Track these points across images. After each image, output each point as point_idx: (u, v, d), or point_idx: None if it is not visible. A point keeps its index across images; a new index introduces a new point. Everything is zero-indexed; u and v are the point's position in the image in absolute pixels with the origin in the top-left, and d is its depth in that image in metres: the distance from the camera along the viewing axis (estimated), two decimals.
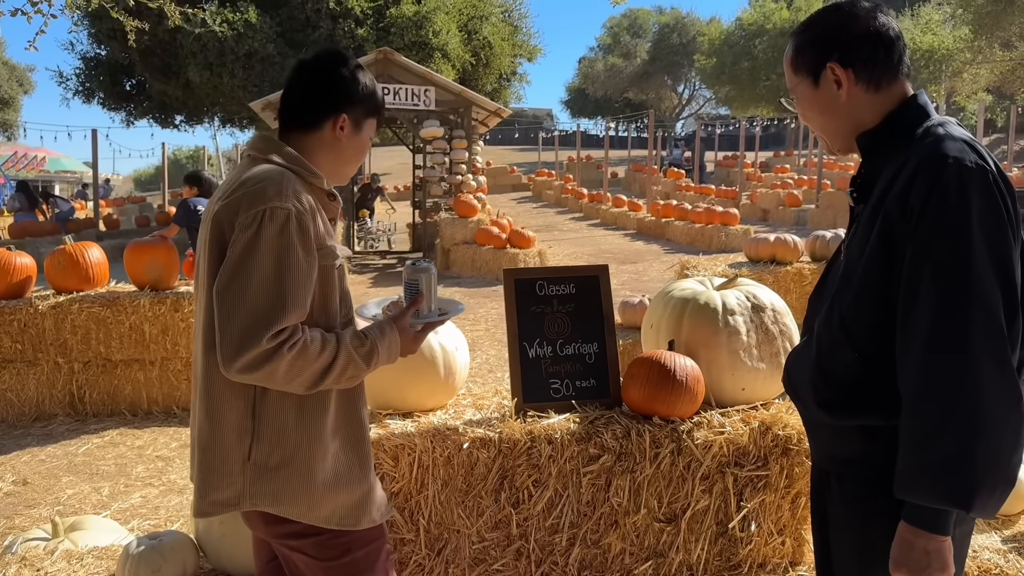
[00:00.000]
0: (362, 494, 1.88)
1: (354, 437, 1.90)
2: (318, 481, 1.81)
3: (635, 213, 18.88)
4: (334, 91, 1.88)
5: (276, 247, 1.68)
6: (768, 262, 7.10)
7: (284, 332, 1.67)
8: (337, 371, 1.74)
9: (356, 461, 1.89)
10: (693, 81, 53.67)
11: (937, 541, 1.45)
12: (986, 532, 3.18)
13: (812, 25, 1.72)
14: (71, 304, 5.61)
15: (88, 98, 23.81)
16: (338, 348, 1.75)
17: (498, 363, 7.15)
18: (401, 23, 19.73)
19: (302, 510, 1.81)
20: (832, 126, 1.73)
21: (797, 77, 1.73)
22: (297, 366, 1.68)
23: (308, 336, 1.71)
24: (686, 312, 2.86)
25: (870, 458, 1.60)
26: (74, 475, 4.74)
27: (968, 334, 1.41)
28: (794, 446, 2.71)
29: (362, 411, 1.94)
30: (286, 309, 1.67)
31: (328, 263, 1.81)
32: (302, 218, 1.73)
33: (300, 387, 1.72)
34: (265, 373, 1.66)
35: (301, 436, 1.80)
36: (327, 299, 1.83)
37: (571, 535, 2.71)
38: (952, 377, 1.41)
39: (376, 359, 1.81)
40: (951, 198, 1.45)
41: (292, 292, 1.69)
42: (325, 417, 1.83)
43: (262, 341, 1.63)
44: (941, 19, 31.32)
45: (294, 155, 1.84)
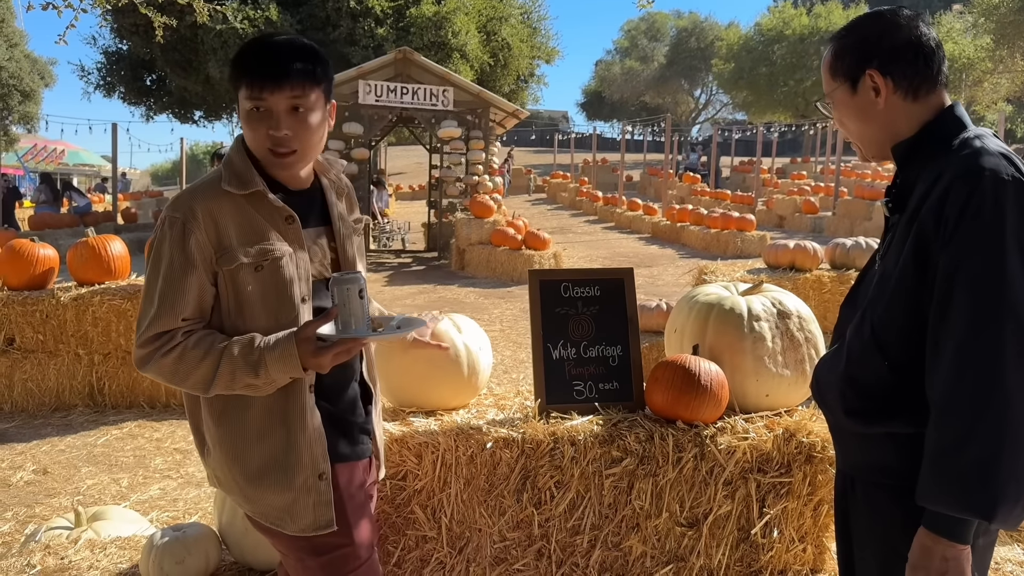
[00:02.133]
0: (287, 501, 1.86)
1: (280, 442, 1.85)
2: (242, 476, 1.87)
3: (650, 217, 18.84)
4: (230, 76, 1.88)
5: (156, 255, 1.78)
6: (787, 269, 7.07)
7: (160, 338, 1.76)
8: (224, 379, 1.76)
9: (281, 467, 1.85)
10: (710, 86, 53.57)
11: (956, 549, 1.45)
12: (1008, 544, 3.17)
13: (853, 30, 1.71)
14: (92, 296, 5.65)
15: (109, 92, 23.97)
16: (221, 357, 1.76)
17: (513, 364, 7.16)
18: (421, 23, 19.77)
19: (238, 500, 1.92)
20: (868, 133, 1.73)
21: (835, 82, 1.73)
22: (180, 371, 1.76)
23: (191, 341, 1.77)
24: (711, 317, 2.86)
25: (896, 466, 1.60)
26: (93, 466, 4.77)
27: (999, 346, 1.41)
28: (818, 453, 2.71)
29: (294, 418, 1.85)
30: (156, 316, 1.76)
31: (230, 267, 1.79)
32: (187, 225, 1.76)
33: (194, 389, 1.80)
34: (153, 372, 1.78)
35: (226, 430, 1.87)
36: (241, 302, 1.82)
37: (592, 537, 2.71)
38: (980, 388, 1.41)
39: (264, 370, 1.75)
40: (986, 210, 1.44)
41: (161, 300, 1.76)
42: (245, 414, 1.86)
43: (140, 343, 1.77)
44: (963, 28, 31.12)
45: (229, 158, 1.87)
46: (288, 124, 1.79)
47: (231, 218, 1.81)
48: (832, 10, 37.33)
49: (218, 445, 1.88)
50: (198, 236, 1.77)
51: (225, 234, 1.80)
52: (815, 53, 34.66)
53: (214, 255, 1.79)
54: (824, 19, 36.05)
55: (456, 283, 11.96)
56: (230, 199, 1.82)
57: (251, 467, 1.86)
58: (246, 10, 19.05)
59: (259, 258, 1.81)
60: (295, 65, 1.78)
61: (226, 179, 1.82)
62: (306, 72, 1.80)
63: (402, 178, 34.43)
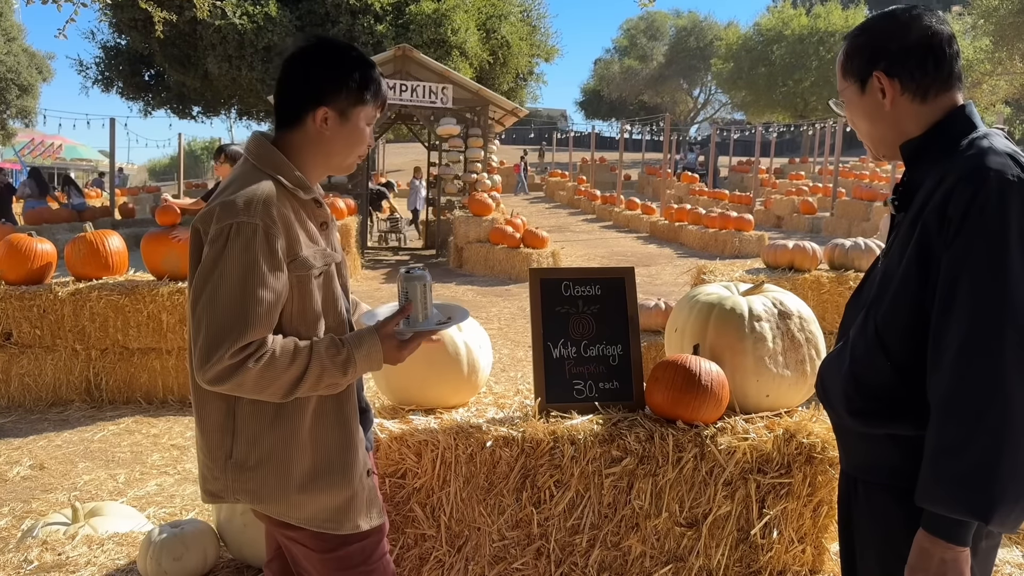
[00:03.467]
0: (343, 500, 1.88)
1: (336, 443, 1.89)
2: (295, 483, 1.83)
3: (648, 216, 18.85)
4: (311, 84, 1.83)
5: (241, 263, 1.69)
6: (786, 269, 7.06)
7: (250, 347, 1.68)
8: (310, 380, 1.75)
9: (338, 467, 1.88)
10: (709, 85, 53.59)
11: (954, 551, 1.45)
12: (1007, 547, 3.17)
13: (864, 31, 1.71)
14: (90, 291, 5.64)
15: (107, 87, 23.94)
16: (310, 358, 1.75)
17: (511, 362, 7.15)
18: (420, 20, 19.75)
19: (281, 509, 1.85)
20: (876, 133, 1.73)
21: (846, 81, 1.73)
22: (266, 377, 1.70)
23: (278, 347, 1.72)
24: (712, 317, 2.85)
25: (899, 467, 1.59)
26: (90, 461, 4.76)
27: (1000, 348, 1.41)
28: (818, 454, 2.70)
29: (349, 418, 1.92)
30: (249, 325, 1.68)
31: (303, 273, 1.80)
32: (270, 233, 1.72)
33: (273, 396, 1.74)
34: (233, 385, 1.69)
35: (277, 439, 1.82)
36: (306, 307, 1.83)
37: (591, 536, 2.71)
38: (981, 390, 1.41)
39: (353, 368, 1.80)
40: (989, 210, 1.44)
41: (255, 308, 1.69)
42: (302, 421, 1.83)
43: (225, 356, 1.65)
44: (962, 29, 31.11)
45: (279, 162, 1.82)
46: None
47: (296, 224, 1.80)
48: (831, 10, 37.35)
49: (266, 456, 1.82)
50: (280, 242, 1.75)
51: (295, 240, 1.79)
52: (814, 53, 34.69)
53: (286, 261, 1.77)
54: (823, 19, 36.09)
55: (454, 281, 11.95)
56: (290, 204, 1.80)
57: (304, 472, 1.84)
58: (245, 6, 19.03)
59: (323, 264, 1.86)
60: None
61: (290, 183, 1.82)
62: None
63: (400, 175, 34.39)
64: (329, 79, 1.82)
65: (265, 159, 1.83)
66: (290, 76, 1.85)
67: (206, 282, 1.70)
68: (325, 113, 1.82)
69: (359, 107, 1.86)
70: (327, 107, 1.82)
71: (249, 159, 1.85)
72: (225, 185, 1.82)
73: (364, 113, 1.87)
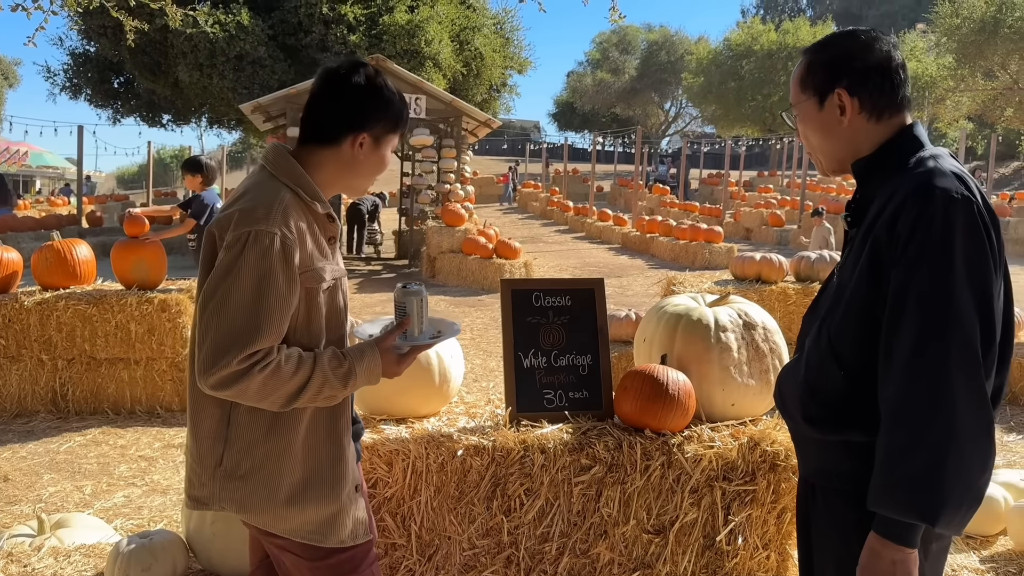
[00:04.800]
0: (330, 514, 1.89)
1: (327, 456, 1.90)
2: (283, 495, 1.84)
3: (620, 228, 19.00)
4: (355, 108, 1.86)
5: (256, 271, 1.70)
6: (753, 280, 7.18)
7: (257, 354, 1.69)
8: (312, 391, 1.76)
9: (327, 481, 1.89)
10: (680, 99, 54.09)
11: (904, 553, 1.51)
12: (965, 552, 3.25)
13: (827, 47, 1.76)
14: (57, 301, 5.58)
15: (75, 94, 23.64)
16: (313, 369, 1.76)
17: (483, 372, 7.17)
18: (394, 31, 19.76)
19: (267, 520, 1.86)
20: (828, 148, 1.78)
21: (803, 95, 1.77)
22: (270, 385, 1.71)
23: (283, 356, 1.73)
24: (679, 327, 2.91)
25: (853, 473, 1.65)
26: (56, 473, 4.71)
27: (946, 359, 1.47)
28: (781, 462, 2.76)
29: (341, 432, 1.93)
30: (259, 333, 1.69)
31: (314, 285, 1.82)
32: (287, 243, 1.74)
33: (273, 405, 1.75)
34: (236, 391, 1.70)
35: (269, 449, 1.82)
36: (311, 319, 1.85)
37: (561, 544, 2.74)
38: (928, 399, 1.47)
39: (353, 381, 1.82)
40: (936, 227, 1.50)
41: (267, 317, 1.71)
42: (296, 433, 1.84)
43: (232, 362, 1.66)
44: (926, 47, 31.82)
45: (299, 174, 1.85)
46: None
47: (309, 236, 1.83)
48: (800, 26, 37.94)
49: (257, 466, 1.82)
50: (296, 253, 1.76)
51: (307, 252, 1.81)
52: (783, 69, 35.19)
53: (299, 272, 1.78)
54: (792, 35, 36.63)
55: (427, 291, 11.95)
56: (304, 216, 1.83)
57: (294, 484, 1.85)
58: (217, 14, 18.92)
59: (332, 278, 1.88)
60: None
61: (309, 196, 1.84)
62: None
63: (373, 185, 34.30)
64: (375, 108, 1.87)
65: (284, 169, 1.85)
66: (333, 96, 1.87)
67: (218, 287, 1.71)
68: (363, 138, 1.87)
69: (391, 136, 1.93)
70: (367, 133, 1.87)
71: (267, 168, 1.86)
72: (241, 192, 1.84)
73: (393, 141, 1.95)
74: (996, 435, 1.55)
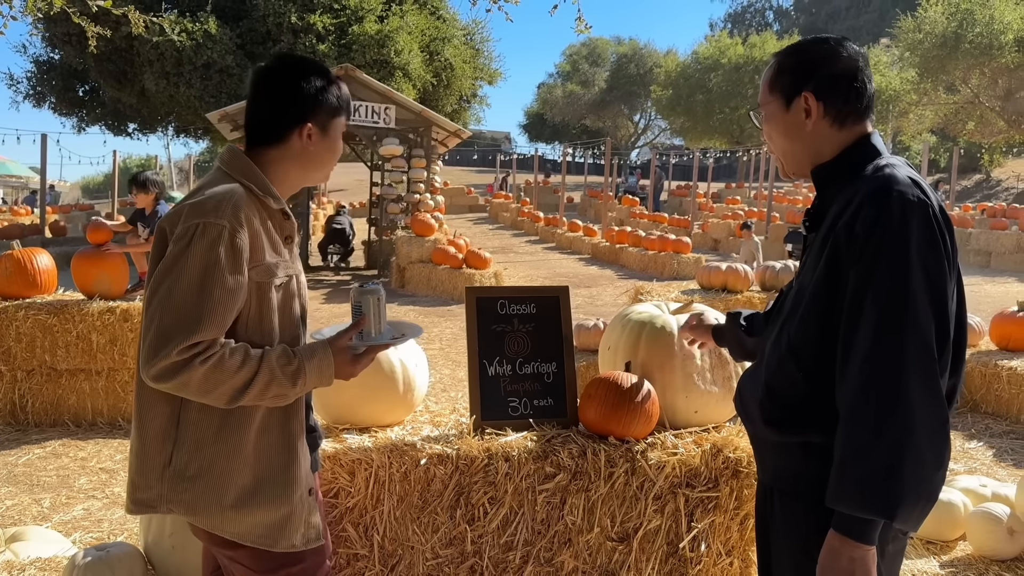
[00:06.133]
0: (280, 517, 1.85)
1: (279, 459, 1.86)
2: (232, 496, 1.80)
3: (590, 238, 19.07)
4: (296, 102, 1.87)
5: (202, 262, 1.69)
6: (720, 290, 7.24)
7: (198, 346, 1.68)
8: (258, 388, 1.73)
9: (279, 483, 1.85)
10: (649, 111, 54.55)
11: (862, 550, 1.53)
12: (925, 557, 3.29)
13: (798, 51, 1.80)
14: (17, 311, 5.47)
15: (39, 102, 23.31)
16: (260, 365, 1.74)
17: (452, 382, 7.15)
18: (363, 41, 19.74)
19: (215, 523, 1.82)
20: (791, 149, 1.81)
21: (771, 95, 1.81)
22: (212, 379, 1.68)
23: (227, 350, 1.71)
24: (643, 335, 2.92)
25: (811, 474, 1.67)
26: (13, 486, 4.60)
27: (902, 357, 1.50)
28: (744, 468, 2.78)
29: (294, 434, 1.90)
30: (201, 323, 1.68)
31: (265, 280, 1.80)
32: (235, 235, 1.73)
33: (219, 400, 1.72)
34: (178, 384, 1.67)
35: (219, 449, 1.79)
36: (263, 316, 1.82)
37: (525, 552, 2.73)
38: (885, 396, 1.50)
39: (303, 380, 1.79)
40: (893, 228, 1.54)
41: (211, 308, 1.69)
42: (247, 434, 1.81)
43: (172, 353, 1.65)
44: (889, 61, 32.43)
45: (252, 172, 1.85)
46: None
47: (262, 231, 1.82)
48: (767, 40, 38.51)
49: (207, 466, 1.79)
50: (245, 246, 1.75)
51: (259, 247, 1.80)
52: (750, 82, 35.66)
53: (248, 266, 1.77)
54: (759, 48, 37.14)
55: (396, 301, 11.90)
56: (257, 212, 1.82)
57: (244, 485, 1.81)
58: (184, 23, 18.77)
59: (285, 276, 1.87)
60: None
61: (261, 191, 1.84)
62: None
63: (343, 195, 34.15)
64: (311, 96, 1.87)
65: (236, 167, 1.85)
66: (270, 95, 1.88)
67: (164, 278, 1.70)
68: (310, 129, 1.87)
69: (336, 119, 1.93)
70: (311, 123, 1.87)
71: (221, 167, 1.86)
72: (194, 190, 1.83)
73: (340, 124, 1.95)
74: (958, 442, 1.58)
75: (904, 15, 29.54)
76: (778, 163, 1.88)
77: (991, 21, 26.40)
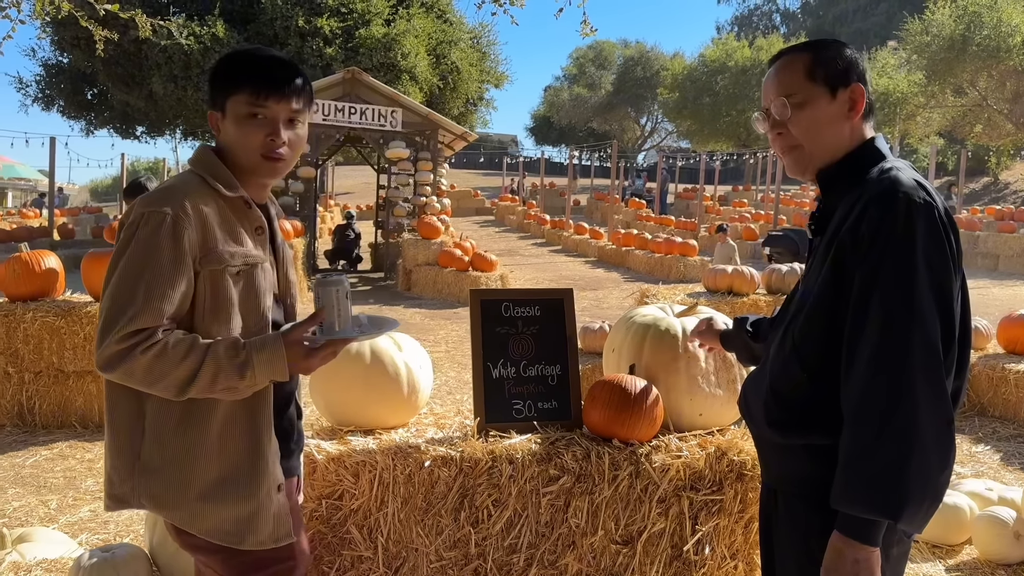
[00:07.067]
0: (248, 512, 1.81)
1: (245, 453, 1.82)
2: (196, 489, 1.77)
3: (596, 241, 19.07)
4: (210, 93, 1.91)
5: (143, 249, 1.69)
6: (726, 293, 7.23)
7: (140, 334, 1.65)
8: (205, 379, 1.68)
9: (244, 478, 1.81)
10: (655, 114, 54.54)
11: (866, 551, 1.53)
12: (931, 561, 3.28)
13: (831, 45, 1.77)
14: (24, 312, 5.50)
15: (48, 105, 23.45)
16: (205, 356, 1.69)
17: (457, 385, 7.16)
18: (370, 44, 19.80)
19: (183, 517, 1.79)
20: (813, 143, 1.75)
21: (810, 84, 1.73)
22: (156, 370, 1.65)
23: (171, 340, 1.68)
24: (647, 337, 2.92)
25: (815, 476, 1.67)
26: (21, 487, 4.62)
27: (908, 357, 1.50)
28: (748, 471, 2.77)
29: (261, 428, 1.85)
30: (139, 311, 1.66)
31: (216, 268, 1.77)
32: (178, 222, 1.71)
33: (166, 392, 1.69)
34: (123, 373, 1.66)
35: (181, 441, 1.77)
36: (218, 306, 1.78)
37: (529, 555, 2.73)
38: (890, 396, 1.50)
39: (251, 372, 1.72)
40: (899, 229, 1.54)
41: (147, 294, 1.67)
42: (209, 426, 1.78)
43: (112, 341, 1.64)
44: (897, 63, 32.33)
45: (207, 161, 1.85)
46: (286, 134, 1.85)
47: (215, 219, 1.79)
48: (773, 42, 38.50)
49: (170, 458, 1.76)
50: (190, 233, 1.73)
51: (211, 235, 1.77)
52: (756, 84, 35.57)
53: (199, 255, 1.75)
54: (766, 52, 37.10)
55: (402, 303, 11.93)
56: (213, 201, 1.80)
57: (209, 479, 1.78)
58: (192, 26, 18.85)
59: (242, 263, 1.82)
60: (297, 80, 1.85)
61: (213, 179, 1.82)
62: (305, 88, 1.89)
63: (350, 198, 34.22)
64: (213, 83, 1.87)
65: (196, 160, 1.88)
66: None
67: (110, 268, 1.72)
68: (213, 117, 1.88)
69: (230, 97, 1.82)
70: (213, 111, 1.88)
71: (188, 163, 1.90)
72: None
73: (238, 101, 1.81)
74: (965, 445, 1.58)
75: (911, 18, 29.47)
76: (785, 159, 1.82)
77: (999, 24, 26.33)
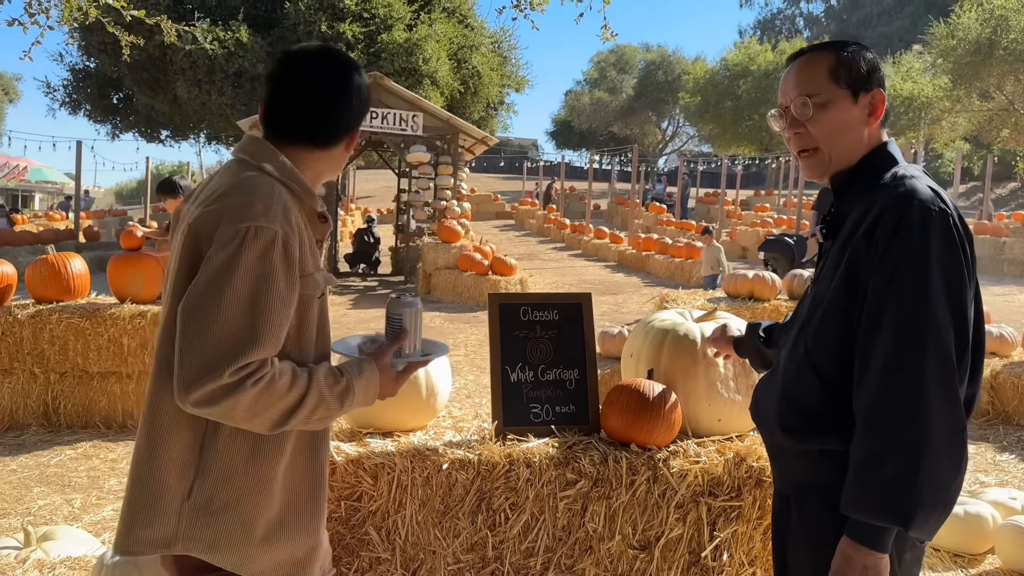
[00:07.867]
0: (308, 549, 1.73)
1: (310, 486, 1.74)
2: (260, 531, 1.64)
3: (616, 245, 19.03)
4: (354, 107, 1.73)
5: (255, 272, 1.51)
6: (747, 298, 7.20)
7: (251, 365, 1.49)
8: (306, 411, 1.57)
9: (308, 512, 1.73)
10: (677, 118, 54.31)
11: (875, 557, 1.52)
12: (953, 570, 3.25)
13: (856, 48, 1.75)
14: (50, 314, 5.58)
15: (75, 110, 23.80)
16: (309, 385, 1.57)
17: (476, 388, 7.17)
18: (392, 49, 19.91)
19: (237, 561, 1.63)
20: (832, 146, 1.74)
21: (833, 85, 1.72)
22: (261, 403, 1.50)
23: (277, 370, 1.53)
24: (666, 342, 2.92)
25: (828, 482, 1.66)
26: (46, 486, 4.69)
27: (921, 364, 1.50)
28: (767, 478, 2.76)
29: (323, 457, 1.77)
30: (257, 342, 1.49)
31: (309, 293, 1.65)
32: (288, 242, 1.55)
33: (262, 426, 1.54)
34: (224, 408, 1.48)
35: (249, 479, 1.62)
36: (302, 331, 1.66)
37: (546, 559, 2.74)
38: (903, 403, 1.50)
39: (351, 399, 1.64)
40: (914, 236, 1.54)
41: (266, 324, 1.51)
42: (279, 460, 1.66)
43: (224, 375, 1.46)
44: (921, 67, 32.02)
45: (289, 168, 1.66)
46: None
47: (306, 238, 1.65)
48: (796, 47, 38.18)
49: (234, 497, 1.61)
50: (297, 255, 1.59)
51: (306, 255, 1.64)
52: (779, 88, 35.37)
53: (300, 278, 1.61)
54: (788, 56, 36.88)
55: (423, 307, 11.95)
56: (301, 216, 1.65)
57: (272, 518, 1.65)
58: (216, 31, 19.05)
59: (324, 286, 1.72)
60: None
61: (304, 192, 1.67)
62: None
63: (370, 202, 34.39)
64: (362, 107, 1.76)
65: (272, 162, 1.65)
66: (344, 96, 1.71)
67: (209, 290, 1.49)
68: (355, 138, 1.77)
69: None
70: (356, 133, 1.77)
71: (248, 160, 1.66)
72: (221, 189, 1.62)
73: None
74: (989, 454, 1.57)
75: (937, 21, 29.16)
76: (801, 161, 1.80)
77: None
